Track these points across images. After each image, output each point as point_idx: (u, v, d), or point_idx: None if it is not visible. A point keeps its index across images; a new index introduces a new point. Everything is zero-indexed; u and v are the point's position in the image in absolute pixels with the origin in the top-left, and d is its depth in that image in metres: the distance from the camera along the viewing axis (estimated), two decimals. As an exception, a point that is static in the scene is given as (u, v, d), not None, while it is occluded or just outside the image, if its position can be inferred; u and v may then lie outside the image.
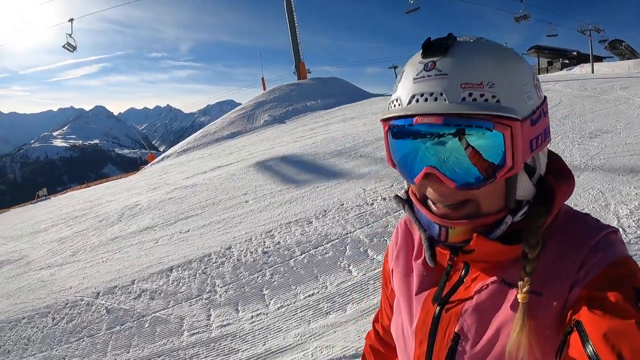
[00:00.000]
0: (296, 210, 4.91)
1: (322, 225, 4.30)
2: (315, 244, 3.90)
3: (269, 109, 16.09)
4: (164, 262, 4.21)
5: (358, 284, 3.21)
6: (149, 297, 3.52)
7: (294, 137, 10.49)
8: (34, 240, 8.21)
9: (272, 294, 3.21)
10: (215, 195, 6.68)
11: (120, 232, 6.32)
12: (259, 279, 3.48)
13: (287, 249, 3.88)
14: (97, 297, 3.92)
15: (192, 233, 5.12)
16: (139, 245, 5.34)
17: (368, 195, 4.97)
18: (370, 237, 3.89)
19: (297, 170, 6.91)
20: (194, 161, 12.19)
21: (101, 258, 5.33)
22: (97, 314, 3.65)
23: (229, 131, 15.06)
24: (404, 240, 0.83)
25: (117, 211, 7.90)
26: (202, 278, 3.63)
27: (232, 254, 4.00)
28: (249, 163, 8.42)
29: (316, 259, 3.63)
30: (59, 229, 8.58)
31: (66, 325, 3.64)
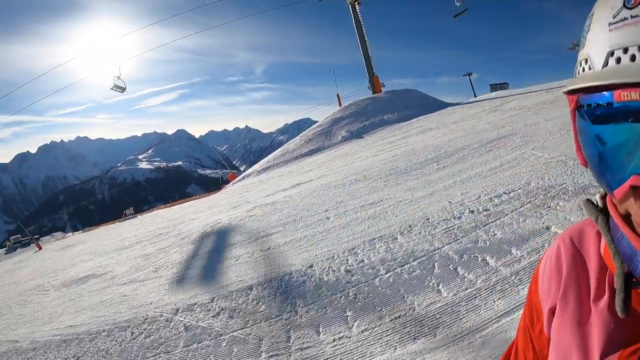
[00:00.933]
0: (380, 226, 5.09)
1: (408, 242, 4.35)
2: (401, 261, 3.94)
3: (346, 124, 18.33)
4: (244, 280, 4.86)
5: (448, 305, 3.18)
6: (228, 316, 4.00)
7: (373, 152, 11.64)
8: (119, 256, 9.64)
9: (355, 316, 3.33)
10: (296, 212, 7.48)
11: (200, 250, 7.30)
12: (341, 299, 3.62)
13: (371, 267, 3.99)
14: (176, 314, 4.70)
15: (273, 251, 5.87)
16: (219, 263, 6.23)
17: (455, 208, 4.90)
18: (459, 253, 3.82)
19: (378, 185, 7.62)
20: (274, 179, 13.79)
21: (182, 275, 6.21)
22: (175, 330, 4.38)
23: (308, 148, 17.15)
24: (573, 268, 0.66)
25: (199, 229, 9.13)
26: (282, 297, 3.96)
27: (313, 272, 4.25)
28: (329, 179, 9.46)
29: (402, 278, 3.66)
30: (143, 245, 10.25)
31: (144, 340, 4.44)
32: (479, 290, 3.35)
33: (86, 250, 14.53)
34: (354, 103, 21.53)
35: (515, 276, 3.41)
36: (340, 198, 7.35)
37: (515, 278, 3.38)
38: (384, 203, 6.27)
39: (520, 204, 4.71)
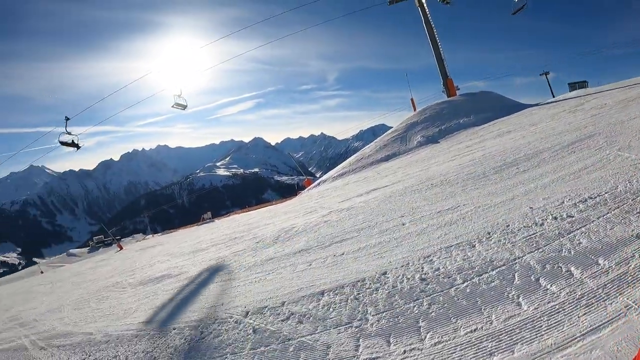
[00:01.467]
0: (457, 232, 4.98)
1: (487, 250, 4.20)
2: (479, 270, 3.81)
3: (422, 129, 18.63)
4: (316, 285, 4.95)
5: (529, 319, 3.03)
6: (297, 321, 4.12)
7: (450, 156, 11.65)
8: (195, 257, 10.21)
9: (428, 327, 3.28)
10: (371, 218, 7.52)
11: (275, 254, 7.55)
12: (415, 308, 3.58)
13: (447, 276, 3.91)
14: (246, 316, 4.86)
15: (346, 257, 5.88)
16: (292, 267, 6.36)
17: (536, 215, 4.64)
18: (541, 263, 3.61)
19: (455, 190, 7.46)
20: (350, 185, 14.29)
21: (255, 278, 6.46)
22: (244, 332, 4.52)
23: (383, 154, 17.63)
24: None
25: (273, 233, 9.47)
26: (353, 304, 3.99)
27: (387, 280, 4.25)
28: (405, 185, 9.54)
29: (480, 289, 3.54)
30: (219, 248, 10.82)
31: (212, 341, 4.63)
32: (562, 304, 3.14)
33: (164, 251, 15.60)
34: (428, 107, 21.80)
35: (602, 289, 3.15)
36: (417, 204, 7.33)
37: (602, 292, 3.12)
38: (461, 209, 6.15)
39: (607, 209, 4.42)
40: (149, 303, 7.41)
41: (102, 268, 18.36)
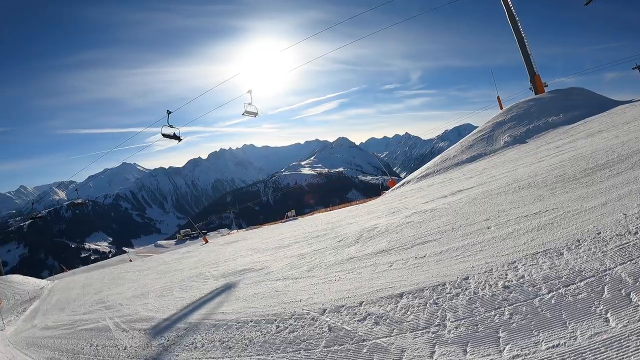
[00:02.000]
0: (544, 239, 4.70)
1: (575, 259, 3.90)
2: (566, 281, 3.55)
3: (508, 128, 18.31)
4: (395, 287, 4.94)
5: (616, 338, 2.78)
6: (374, 322, 4.13)
7: (538, 157, 11.20)
8: (277, 253, 10.54)
9: (508, 338, 3.14)
10: (455, 220, 7.37)
11: (356, 253, 7.60)
12: (495, 317, 3.42)
13: (531, 285, 3.69)
14: (323, 314, 4.94)
15: (428, 259, 5.80)
16: (373, 267, 6.35)
17: (630, 222, 4.22)
18: (634, 276, 3.29)
19: (544, 193, 7.03)
20: (434, 186, 14.21)
21: (334, 276, 6.54)
22: (319, 330, 4.60)
23: (469, 154, 17.50)
24: None
25: (355, 233, 9.57)
26: (432, 309, 3.93)
27: (468, 285, 4.10)
28: (490, 187, 9.27)
29: (566, 300, 3.30)
30: (301, 245, 11.12)
31: (287, 335, 4.75)
32: (654, 324, 2.87)
33: (247, 246, 16.20)
34: (515, 106, 21.34)
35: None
36: (502, 207, 7.10)
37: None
38: (549, 213, 5.83)
39: None
40: (229, 295, 7.80)
41: (188, 259, 19.42)
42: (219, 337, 5.39)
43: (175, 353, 5.45)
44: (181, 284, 11.06)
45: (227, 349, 4.86)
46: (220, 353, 4.81)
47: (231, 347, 4.86)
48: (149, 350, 5.99)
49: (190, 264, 16.64)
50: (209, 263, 14.31)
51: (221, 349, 4.96)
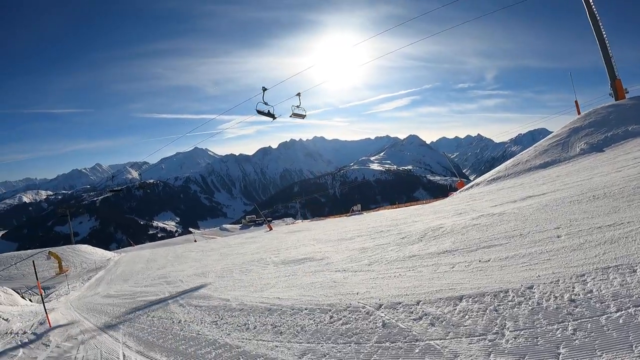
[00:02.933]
0: (618, 253, 4.44)
1: None
2: (637, 300, 3.21)
3: (585, 135, 17.67)
4: (456, 289, 4.83)
5: None
6: (429, 323, 4.07)
7: (615, 167, 10.65)
8: (339, 245, 10.63)
9: (569, 355, 2.99)
10: (524, 226, 7.09)
11: (418, 252, 7.51)
12: (557, 332, 3.24)
13: (599, 301, 3.45)
14: (379, 309, 4.86)
15: (492, 264, 5.59)
16: (434, 267, 6.23)
17: None
18: None
19: (620, 205, 6.58)
20: (504, 190, 14.00)
21: (394, 273, 6.47)
22: (373, 324, 4.51)
23: (542, 160, 17.16)
24: None
25: (420, 231, 9.50)
26: (491, 315, 3.78)
27: (532, 294, 3.92)
28: (563, 194, 8.87)
29: (635, 321, 3.08)
30: (363, 239, 11.14)
31: (340, 327, 4.71)
32: None
33: (310, 236, 16.37)
34: (594, 111, 20.52)
35: None
36: (574, 216, 6.75)
37: None
38: (624, 227, 5.45)
39: None
40: (287, 282, 7.92)
41: (250, 244, 19.92)
42: (271, 321, 5.46)
43: (227, 331, 5.56)
44: (241, 267, 11.38)
45: (279, 333, 4.90)
46: (271, 337, 4.86)
47: (282, 332, 4.89)
48: (202, 326, 6.16)
49: (253, 249, 17.08)
50: (270, 249, 14.64)
51: (272, 332, 5.00)
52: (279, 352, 4.32)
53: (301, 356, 4.07)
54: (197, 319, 6.69)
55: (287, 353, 4.21)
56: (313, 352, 4.11)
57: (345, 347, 4.06)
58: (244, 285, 8.61)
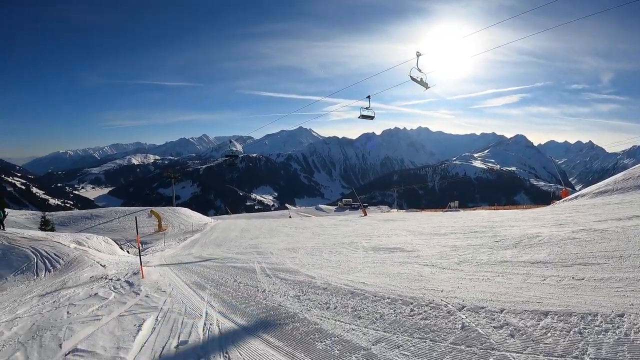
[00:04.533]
0: None
1: None
2: None
3: None
4: (543, 303, 4.65)
5: None
6: (509, 333, 4.01)
7: None
8: (431, 240, 10.70)
9: None
10: (625, 247, 6.60)
11: (511, 258, 7.27)
12: None
13: None
14: (460, 310, 4.77)
15: (586, 283, 5.26)
16: (525, 276, 5.99)
17: None
18: None
19: None
20: (610, 205, 13.17)
21: (483, 276, 6.31)
22: (452, 325, 4.42)
23: None
24: None
25: (515, 237, 9.17)
26: (575, 338, 3.67)
27: (622, 323, 3.68)
28: None
29: None
30: (456, 237, 11.11)
31: (419, 321, 4.66)
32: None
33: (403, 227, 16.26)
34: None
35: None
36: None
37: None
38: None
39: None
40: (374, 268, 7.96)
41: (343, 227, 20.17)
42: (352, 304, 5.53)
43: (308, 307, 5.71)
44: (332, 248, 11.59)
45: (357, 317, 4.96)
46: (349, 319, 4.93)
47: (361, 317, 4.95)
48: (285, 298, 6.36)
49: (345, 232, 17.30)
50: (362, 235, 14.76)
51: (352, 315, 5.07)
52: (354, 335, 4.39)
53: (375, 343, 4.11)
54: (280, 291, 6.91)
55: (362, 338, 4.26)
56: (387, 341, 4.13)
57: (420, 342, 4.03)
58: (331, 266, 8.77)
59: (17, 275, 14.62)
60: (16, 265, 15.47)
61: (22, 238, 19.03)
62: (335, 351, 4.05)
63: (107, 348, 4.73)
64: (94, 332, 5.36)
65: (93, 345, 4.83)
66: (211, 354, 4.32)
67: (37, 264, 15.48)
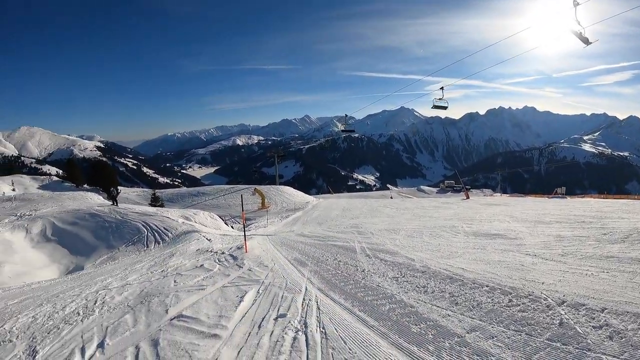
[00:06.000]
0: None
1: None
2: None
3: None
4: None
5: None
6: (608, 335, 3.76)
7: None
8: (535, 228, 10.56)
9: None
10: None
11: (618, 253, 6.71)
12: None
13: None
14: (560, 305, 4.54)
15: None
16: (631, 275, 5.50)
17: None
18: None
19: None
20: None
21: (586, 270, 5.91)
22: (550, 319, 4.24)
23: None
24: None
25: (625, 230, 8.54)
26: None
27: None
28: None
29: None
30: (562, 226, 10.42)
31: (516, 313, 4.50)
32: None
33: (506, 212, 15.57)
34: None
35: None
36: None
37: None
38: None
39: None
40: (475, 254, 7.76)
41: (445, 210, 19.72)
42: (450, 290, 5.48)
43: (405, 290, 5.73)
44: (432, 231, 11.42)
45: (454, 303, 4.92)
46: (446, 304, 4.91)
47: (458, 304, 4.91)
48: (383, 280, 6.40)
49: (446, 215, 16.96)
50: (464, 218, 14.40)
51: (448, 301, 5.03)
52: (449, 321, 4.37)
53: (470, 331, 4.07)
54: (379, 272, 6.97)
55: (457, 325, 4.24)
56: (482, 330, 4.07)
57: (515, 334, 3.92)
58: (431, 249, 8.66)
59: (128, 246, 16.27)
60: (128, 237, 17.23)
61: (134, 213, 21.00)
62: (429, 335, 4.08)
63: (210, 316, 5.09)
64: (198, 301, 5.79)
65: (197, 313, 5.23)
66: (308, 328, 4.51)
67: (148, 236, 17.10)
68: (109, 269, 11.08)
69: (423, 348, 3.89)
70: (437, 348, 3.83)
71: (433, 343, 3.92)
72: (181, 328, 4.72)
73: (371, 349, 3.94)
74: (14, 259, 14.41)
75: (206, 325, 4.75)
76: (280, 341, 4.19)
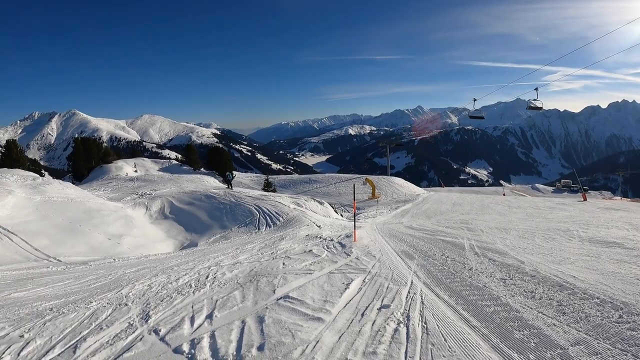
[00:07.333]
0: None
1: None
2: None
3: None
4: None
5: None
6: None
7: None
8: None
9: None
10: None
11: None
12: None
13: None
14: None
15: None
16: None
17: None
18: None
19: None
20: None
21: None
22: None
23: None
24: None
25: None
26: None
27: None
28: None
29: None
30: None
31: (625, 330, 4.02)
32: None
33: (626, 218, 14.07)
34: None
35: None
36: None
37: None
38: None
39: None
40: (589, 262, 7.14)
41: (559, 212, 18.28)
42: (558, 298, 5.11)
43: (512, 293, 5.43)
44: (545, 233, 10.72)
45: (561, 313, 4.59)
46: (552, 313, 4.59)
47: (565, 313, 4.56)
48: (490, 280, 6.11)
49: (561, 216, 15.80)
50: (580, 222, 13.26)
51: (555, 310, 4.70)
52: (554, 331, 4.09)
53: (574, 344, 3.77)
54: (487, 271, 6.68)
55: (562, 336, 3.96)
56: (587, 345, 3.76)
57: (620, 354, 3.56)
58: (542, 253, 8.10)
59: (240, 228, 17.23)
60: (241, 219, 18.24)
61: (248, 197, 22.13)
62: (532, 343, 3.86)
63: (315, 299, 5.21)
64: (305, 284, 5.95)
65: (303, 295, 5.38)
66: (411, 321, 4.46)
67: (259, 219, 17.95)
68: (222, 247, 11.86)
69: (524, 356, 3.69)
70: (538, 358, 3.62)
71: (534, 352, 3.71)
72: (287, 308, 4.90)
73: (471, 350, 3.83)
74: (133, 232, 15.93)
75: (311, 308, 4.88)
76: (382, 331, 4.20)
